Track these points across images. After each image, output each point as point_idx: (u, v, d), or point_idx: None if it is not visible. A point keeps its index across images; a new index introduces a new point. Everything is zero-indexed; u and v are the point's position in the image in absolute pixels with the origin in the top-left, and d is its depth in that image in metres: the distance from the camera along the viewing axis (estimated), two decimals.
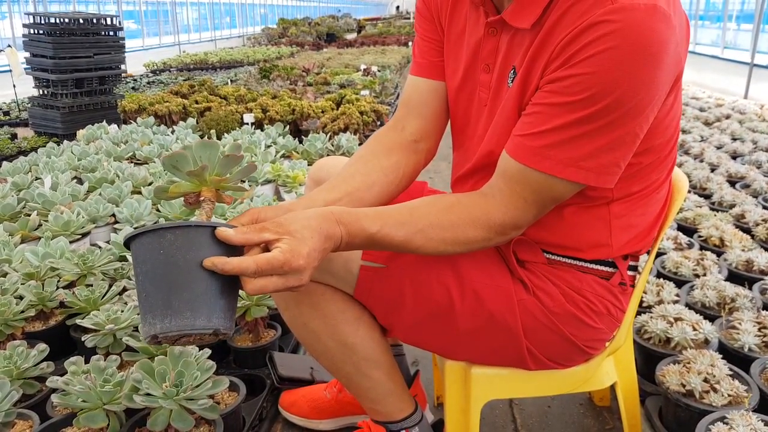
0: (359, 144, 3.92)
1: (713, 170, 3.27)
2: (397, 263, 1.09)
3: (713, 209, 2.67)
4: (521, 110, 1.02)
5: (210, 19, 18.16)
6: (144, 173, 3.05)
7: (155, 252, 0.82)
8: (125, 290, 1.90)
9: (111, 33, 5.24)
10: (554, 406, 1.64)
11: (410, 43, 13.38)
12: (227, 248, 0.85)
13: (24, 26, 4.93)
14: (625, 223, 1.10)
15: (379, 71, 7.48)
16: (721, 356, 1.43)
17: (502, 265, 1.14)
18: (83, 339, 1.59)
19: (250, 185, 2.99)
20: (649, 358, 1.56)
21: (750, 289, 1.84)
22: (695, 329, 1.56)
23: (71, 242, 2.26)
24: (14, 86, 5.57)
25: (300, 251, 0.85)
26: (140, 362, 1.33)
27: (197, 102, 4.96)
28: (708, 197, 2.88)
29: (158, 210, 2.55)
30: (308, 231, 0.87)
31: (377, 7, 45.10)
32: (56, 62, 4.78)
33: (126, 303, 1.74)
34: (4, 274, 1.93)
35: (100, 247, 2.14)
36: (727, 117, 4.79)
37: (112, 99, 5.25)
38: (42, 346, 1.58)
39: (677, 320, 1.60)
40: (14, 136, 5.04)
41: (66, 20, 4.84)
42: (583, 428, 1.56)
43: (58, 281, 1.90)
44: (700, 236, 2.33)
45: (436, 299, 1.10)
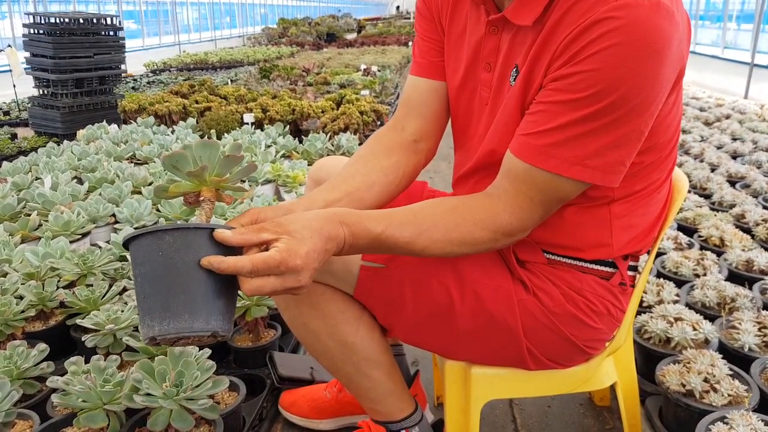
0: (359, 144, 3.92)
1: (713, 170, 3.27)
2: (397, 263, 1.09)
3: (713, 209, 2.67)
4: (523, 109, 1.01)
5: (210, 19, 18.16)
6: (144, 173, 3.05)
7: (153, 254, 0.82)
8: (125, 290, 1.90)
9: (111, 33, 5.24)
10: (554, 406, 1.64)
11: (410, 43, 13.38)
12: (226, 250, 0.84)
13: (24, 26, 4.93)
14: (626, 223, 1.10)
15: (379, 71, 7.48)
16: (721, 356, 1.43)
17: (502, 266, 1.14)
18: (83, 339, 1.59)
19: (250, 185, 2.99)
20: (649, 358, 1.56)
21: (750, 289, 1.84)
22: (695, 329, 1.56)
23: (71, 242, 2.26)
24: (14, 86, 5.57)
25: (297, 251, 0.84)
26: (140, 362, 1.33)
27: (197, 102, 4.96)
28: (708, 197, 2.88)
29: (158, 210, 2.55)
30: (308, 231, 0.86)
31: (377, 7, 45.10)
32: (56, 62, 4.78)
33: (126, 303, 1.74)
34: (5, 274, 1.93)
35: (100, 247, 2.14)
36: (728, 117, 4.79)
37: (112, 99, 5.25)
38: (42, 346, 1.58)
39: (677, 320, 1.60)
40: (14, 136, 5.04)
41: (66, 20, 4.84)
42: (583, 428, 1.56)
43: (58, 281, 1.90)
44: (700, 236, 2.33)
45: (436, 299, 1.10)
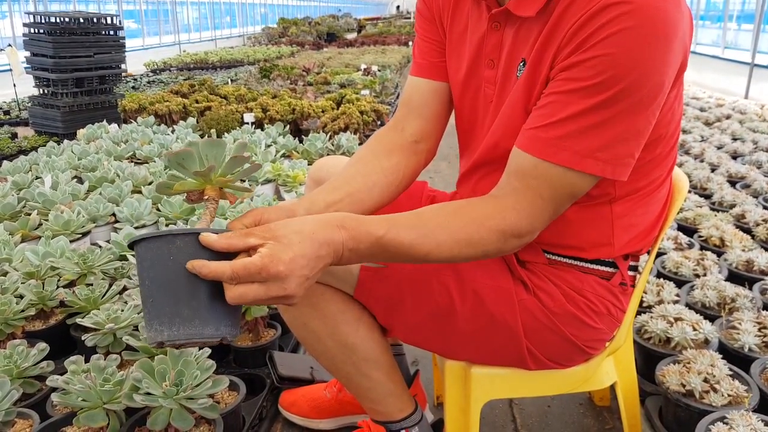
0: (359, 144, 3.92)
1: (713, 170, 3.27)
2: (398, 264, 1.09)
3: (713, 209, 2.67)
4: (527, 101, 1.00)
5: (210, 19, 18.16)
6: (144, 173, 3.05)
7: (164, 258, 0.80)
8: (125, 289, 1.90)
9: (111, 32, 5.24)
10: (554, 406, 1.64)
11: (410, 43, 13.37)
12: (232, 254, 0.83)
13: (24, 25, 4.93)
14: (627, 223, 1.10)
15: (380, 71, 7.48)
16: (721, 356, 1.43)
17: (503, 266, 1.14)
18: (83, 338, 1.59)
19: (250, 184, 2.99)
20: (649, 358, 1.56)
21: (750, 289, 1.84)
22: (695, 329, 1.56)
23: (71, 241, 2.26)
24: (14, 85, 5.57)
25: (280, 257, 0.79)
26: (140, 361, 1.33)
27: (197, 101, 4.96)
28: (708, 197, 2.88)
29: (158, 209, 2.55)
30: (297, 236, 0.82)
31: (377, 7, 45.09)
32: (56, 61, 4.78)
33: (126, 302, 1.74)
34: (5, 273, 1.93)
35: (101, 247, 2.14)
36: (728, 117, 4.79)
37: (113, 98, 5.25)
38: (42, 345, 1.58)
39: (677, 320, 1.60)
40: (14, 136, 5.04)
41: (66, 19, 4.84)
42: (583, 428, 1.56)
43: (59, 280, 1.90)
44: (701, 236, 2.33)
45: (437, 299, 1.10)
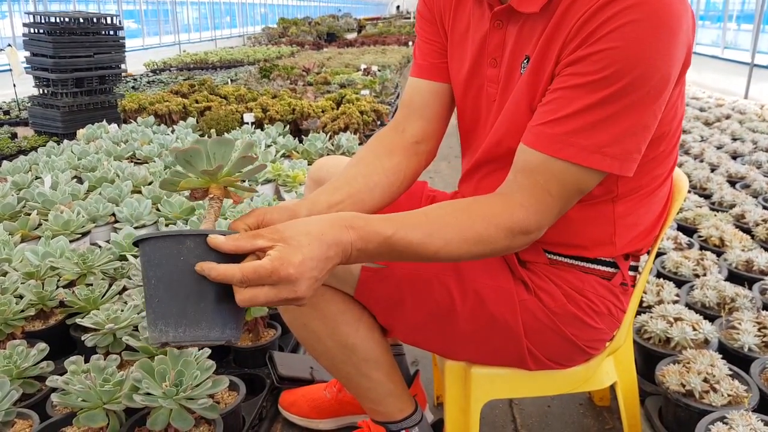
0: (359, 144, 3.92)
1: (713, 170, 3.27)
2: (398, 264, 1.09)
3: (713, 209, 2.67)
4: (532, 98, 1.00)
5: (210, 19, 18.15)
6: (144, 173, 3.05)
7: (173, 258, 0.79)
8: (125, 289, 1.90)
9: (111, 32, 5.24)
10: (554, 406, 1.64)
11: (410, 43, 13.38)
12: (243, 256, 0.82)
13: (24, 25, 4.93)
14: (629, 221, 1.10)
15: (380, 71, 7.48)
16: (721, 356, 1.43)
17: (504, 266, 1.14)
18: (83, 338, 1.59)
19: (250, 184, 2.99)
20: (649, 358, 1.56)
21: (750, 289, 1.84)
22: (695, 329, 1.56)
23: (71, 241, 2.26)
24: (14, 85, 5.57)
25: (290, 259, 0.78)
26: (140, 361, 1.33)
27: (197, 101, 4.96)
28: (708, 197, 2.88)
29: (158, 209, 2.55)
30: (306, 238, 0.81)
31: (377, 7, 45.09)
32: (56, 61, 4.78)
33: (126, 302, 1.74)
34: (4, 274, 1.93)
35: (100, 247, 2.14)
36: (728, 117, 4.79)
37: (112, 98, 5.25)
38: (42, 346, 1.58)
39: (677, 320, 1.60)
40: (14, 136, 5.04)
41: (66, 19, 4.84)
42: (583, 428, 1.56)
43: (58, 280, 1.90)
44: (700, 236, 2.33)
45: (437, 300, 1.10)
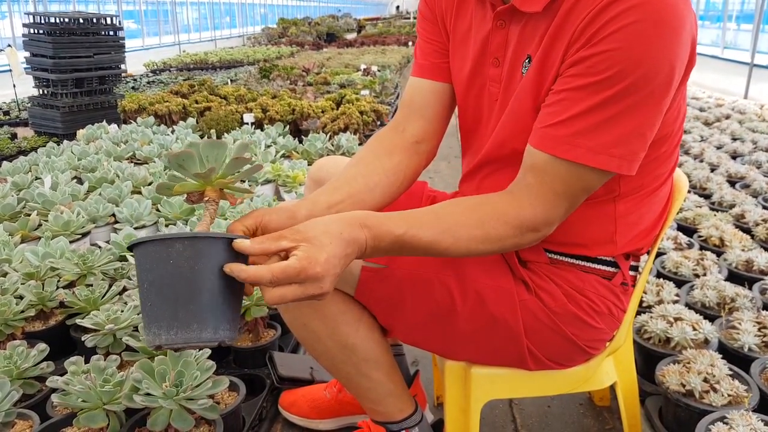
0: (359, 144, 3.92)
1: (713, 170, 3.27)
2: (398, 263, 1.09)
3: (713, 209, 2.67)
4: (537, 98, 1.00)
5: (210, 19, 18.16)
6: (144, 173, 3.05)
7: (162, 262, 0.80)
8: (125, 290, 1.90)
9: (111, 33, 5.24)
10: (554, 406, 1.64)
11: (410, 43, 13.38)
12: (236, 257, 0.84)
13: (24, 26, 4.93)
14: (630, 220, 1.10)
15: (379, 71, 7.48)
16: (721, 356, 1.43)
17: (504, 266, 1.14)
18: (83, 339, 1.59)
19: (250, 185, 2.99)
20: (649, 358, 1.56)
21: (750, 289, 1.84)
22: (695, 329, 1.56)
23: (71, 242, 2.26)
24: (14, 86, 5.57)
25: (317, 258, 0.82)
26: (140, 362, 1.33)
27: (197, 102, 4.96)
28: (708, 197, 2.88)
29: (158, 210, 2.55)
30: (327, 237, 0.85)
31: (377, 7, 45.11)
32: (56, 62, 4.78)
33: (126, 303, 1.74)
34: (4, 274, 1.93)
35: (100, 247, 2.14)
36: (727, 117, 4.79)
37: (112, 99, 5.25)
38: (42, 346, 1.58)
39: (677, 320, 1.60)
40: (14, 136, 5.04)
41: (66, 20, 4.84)
42: (583, 428, 1.56)
43: (58, 281, 1.90)
44: (700, 236, 2.33)
45: (437, 300, 1.10)
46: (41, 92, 5.06)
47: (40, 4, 10.30)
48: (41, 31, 4.83)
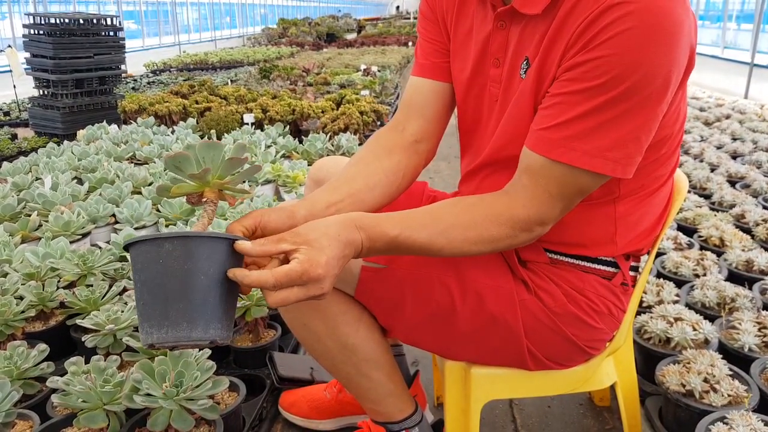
0: (359, 144, 3.92)
1: (713, 170, 3.27)
2: (398, 263, 1.09)
3: (713, 209, 2.67)
4: (537, 102, 1.00)
5: (210, 19, 18.17)
6: (144, 173, 3.05)
7: (153, 261, 0.81)
8: (125, 290, 1.90)
9: (111, 33, 5.24)
10: (554, 406, 1.64)
11: (410, 44, 13.38)
12: (228, 258, 0.84)
13: (24, 26, 4.94)
14: (630, 221, 1.10)
15: (379, 71, 7.48)
16: (721, 356, 1.43)
17: (504, 266, 1.14)
18: (83, 339, 1.59)
19: (250, 185, 2.99)
20: (649, 358, 1.56)
21: (750, 289, 1.84)
22: (695, 329, 1.56)
23: (71, 242, 2.26)
24: (14, 86, 5.57)
25: (318, 260, 0.84)
26: (140, 362, 1.33)
27: (197, 102, 4.96)
28: (708, 197, 2.88)
29: (158, 210, 2.56)
30: (326, 239, 0.86)
31: (377, 7, 45.12)
32: (56, 62, 4.79)
33: (126, 303, 1.74)
34: (5, 275, 1.93)
35: (101, 248, 2.14)
36: (727, 117, 4.79)
37: (112, 99, 5.25)
38: (42, 347, 1.58)
39: (677, 320, 1.60)
40: (14, 137, 5.04)
41: (66, 20, 4.84)
42: (583, 428, 1.56)
43: (59, 281, 1.90)
44: (700, 236, 2.33)
45: (437, 300, 1.10)
46: (41, 93, 5.06)
47: (40, 5, 10.30)
48: (41, 32, 4.84)
